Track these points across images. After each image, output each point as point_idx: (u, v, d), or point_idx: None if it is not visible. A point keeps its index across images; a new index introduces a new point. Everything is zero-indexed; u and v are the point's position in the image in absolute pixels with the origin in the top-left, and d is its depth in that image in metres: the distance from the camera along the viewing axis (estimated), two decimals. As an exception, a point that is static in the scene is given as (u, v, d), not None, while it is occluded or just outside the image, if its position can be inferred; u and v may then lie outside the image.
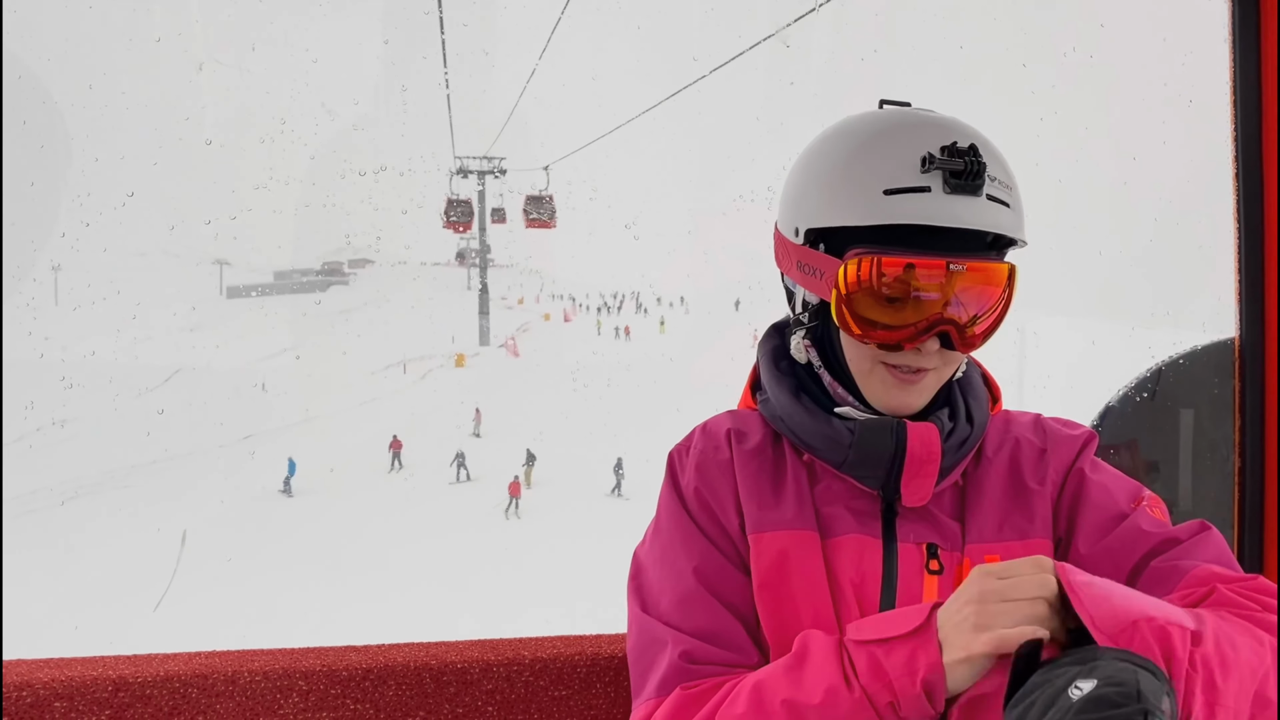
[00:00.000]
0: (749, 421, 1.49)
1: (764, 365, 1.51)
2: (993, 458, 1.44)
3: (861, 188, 1.28)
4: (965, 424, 1.40)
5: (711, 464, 1.44)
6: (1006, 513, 1.38)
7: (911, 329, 1.29)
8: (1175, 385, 2.26)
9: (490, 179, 61.67)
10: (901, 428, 1.34)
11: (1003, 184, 1.30)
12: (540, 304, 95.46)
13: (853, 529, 1.36)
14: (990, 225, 1.27)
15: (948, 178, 1.24)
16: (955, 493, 1.40)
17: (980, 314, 1.33)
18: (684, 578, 1.36)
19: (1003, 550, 1.34)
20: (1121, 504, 1.38)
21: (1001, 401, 1.52)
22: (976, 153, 1.26)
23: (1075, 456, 1.44)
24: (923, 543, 1.35)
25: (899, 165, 1.27)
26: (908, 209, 1.25)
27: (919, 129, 1.31)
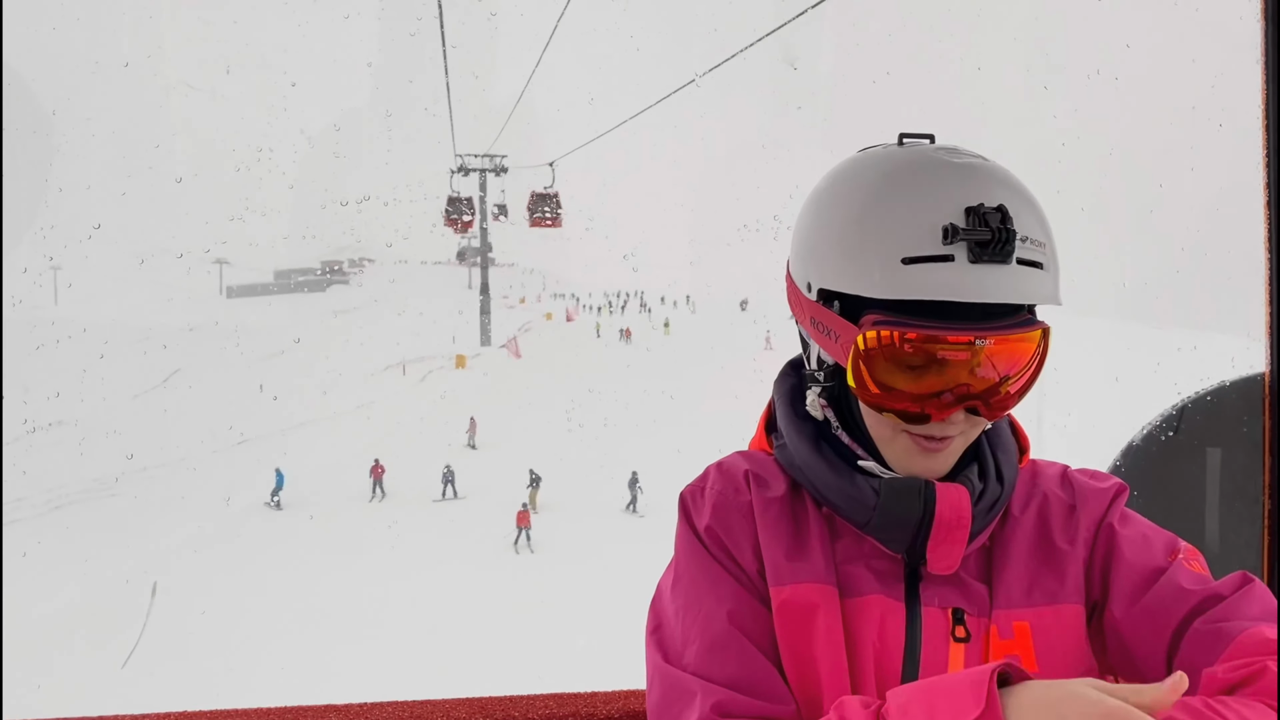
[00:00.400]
0: (766, 467, 1.46)
1: (781, 409, 1.48)
2: (1020, 515, 1.41)
3: (878, 254, 1.24)
4: (995, 484, 1.37)
5: (731, 506, 1.40)
6: (1036, 575, 1.36)
7: (935, 401, 1.26)
8: (1202, 423, 2.23)
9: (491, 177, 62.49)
10: (930, 491, 1.31)
11: (1036, 243, 1.24)
12: (542, 303, 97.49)
13: (874, 589, 1.33)
14: (1022, 296, 1.23)
15: (973, 246, 1.20)
16: (982, 554, 1.38)
17: (1009, 379, 1.29)
18: (714, 621, 1.32)
19: (1033, 616, 1.32)
20: (1157, 558, 1.35)
21: (1030, 452, 1.47)
22: (1006, 217, 1.21)
23: (1105, 511, 1.41)
24: (948, 608, 1.33)
25: (919, 231, 1.22)
26: (929, 282, 1.21)
27: (942, 183, 1.25)
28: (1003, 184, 1.26)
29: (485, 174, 62.63)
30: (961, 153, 1.29)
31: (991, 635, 1.31)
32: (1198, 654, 1.25)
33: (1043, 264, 1.25)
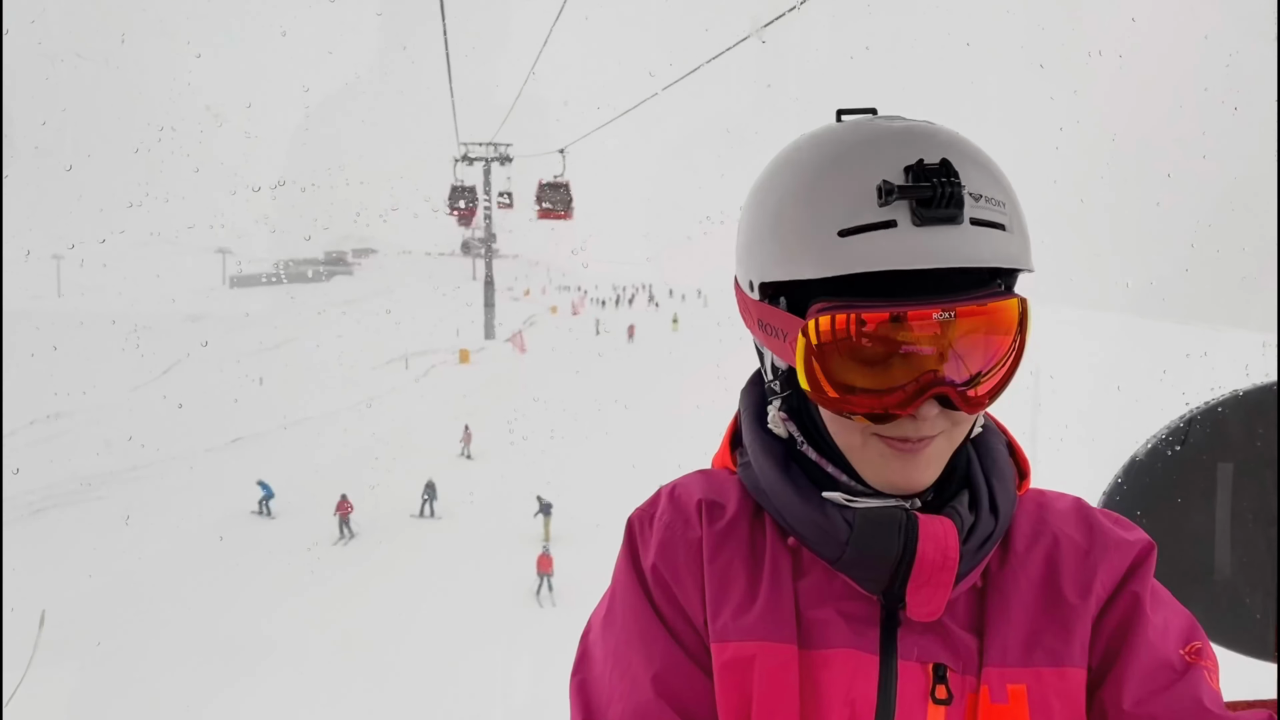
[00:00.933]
0: (725, 488, 1.38)
1: (747, 424, 1.40)
2: (1024, 555, 1.31)
3: (814, 231, 1.17)
4: (989, 516, 1.28)
5: (679, 543, 1.33)
6: (1038, 630, 1.26)
7: (900, 394, 1.18)
8: (1212, 436, 2.20)
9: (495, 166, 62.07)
10: (912, 524, 1.22)
11: (993, 201, 1.17)
12: (547, 295, 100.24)
13: (844, 641, 1.24)
14: (981, 258, 1.14)
15: (915, 207, 1.12)
16: (972, 597, 1.29)
17: (986, 367, 1.21)
18: (639, 687, 1.26)
19: (1032, 678, 1.22)
20: (1175, 651, 1.27)
21: (1030, 478, 1.39)
22: (950, 170, 1.14)
23: (1128, 571, 1.31)
24: (929, 662, 1.23)
25: (855, 198, 1.16)
26: (869, 252, 1.14)
27: (877, 146, 1.20)
28: (948, 142, 1.20)
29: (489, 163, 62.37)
30: (905, 119, 1.25)
31: (981, 698, 1.22)
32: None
33: (1004, 225, 1.17)
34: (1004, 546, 1.31)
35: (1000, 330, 1.20)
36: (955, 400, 1.18)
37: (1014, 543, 1.32)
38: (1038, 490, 1.40)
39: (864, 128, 1.23)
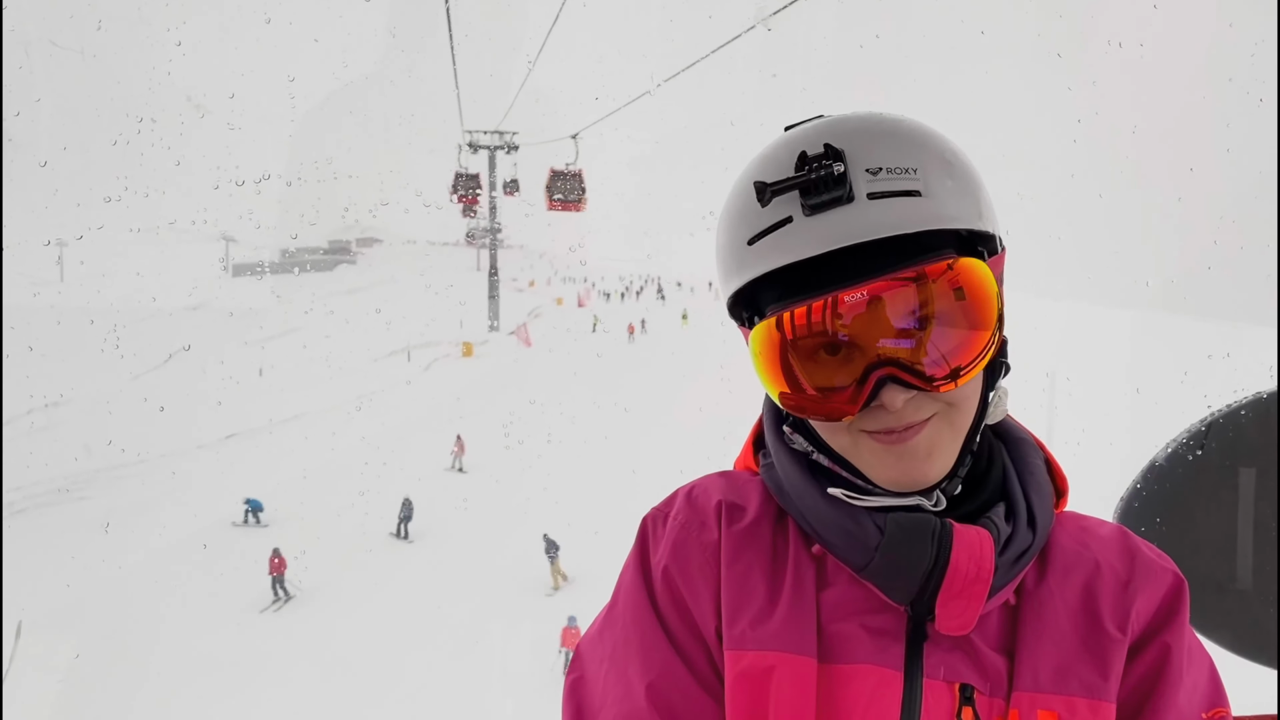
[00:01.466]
0: (747, 490, 1.38)
1: (769, 427, 1.41)
2: (1063, 578, 1.30)
3: (732, 246, 1.24)
4: (1026, 530, 1.27)
5: (693, 545, 1.33)
6: (1073, 658, 1.25)
7: (849, 388, 1.19)
8: (1234, 439, 2.20)
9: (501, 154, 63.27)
10: (946, 533, 1.21)
11: (898, 171, 1.17)
12: (551, 287, 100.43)
13: (867, 656, 1.23)
14: (882, 229, 1.15)
15: (801, 200, 1.16)
16: (1005, 615, 1.28)
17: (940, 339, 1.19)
18: (632, 694, 1.26)
19: (1063, 706, 1.21)
20: (1197, 713, 1.28)
21: (1067, 498, 1.38)
22: (831, 154, 1.16)
23: (1164, 610, 1.31)
24: (955, 682, 1.22)
25: (752, 206, 1.20)
26: (769, 251, 1.18)
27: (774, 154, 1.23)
28: (843, 128, 1.21)
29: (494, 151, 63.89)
30: (829, 117, 1.26)
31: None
32: None
33: (916, 191, 1.16)
34: (1041, 565, 1.30)
35: (956, 294, 1.18)
36: (908, 379, 1.17)
37: (1052, 563, 1.30)
38: (1078, 514, 1.39)
39: (779, 137, 1.26)
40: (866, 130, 1.20)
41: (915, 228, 1.15)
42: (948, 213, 1.18)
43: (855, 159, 1.16)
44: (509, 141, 62.55)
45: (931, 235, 1.18)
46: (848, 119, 1.23)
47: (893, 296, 1.16)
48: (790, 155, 1.19)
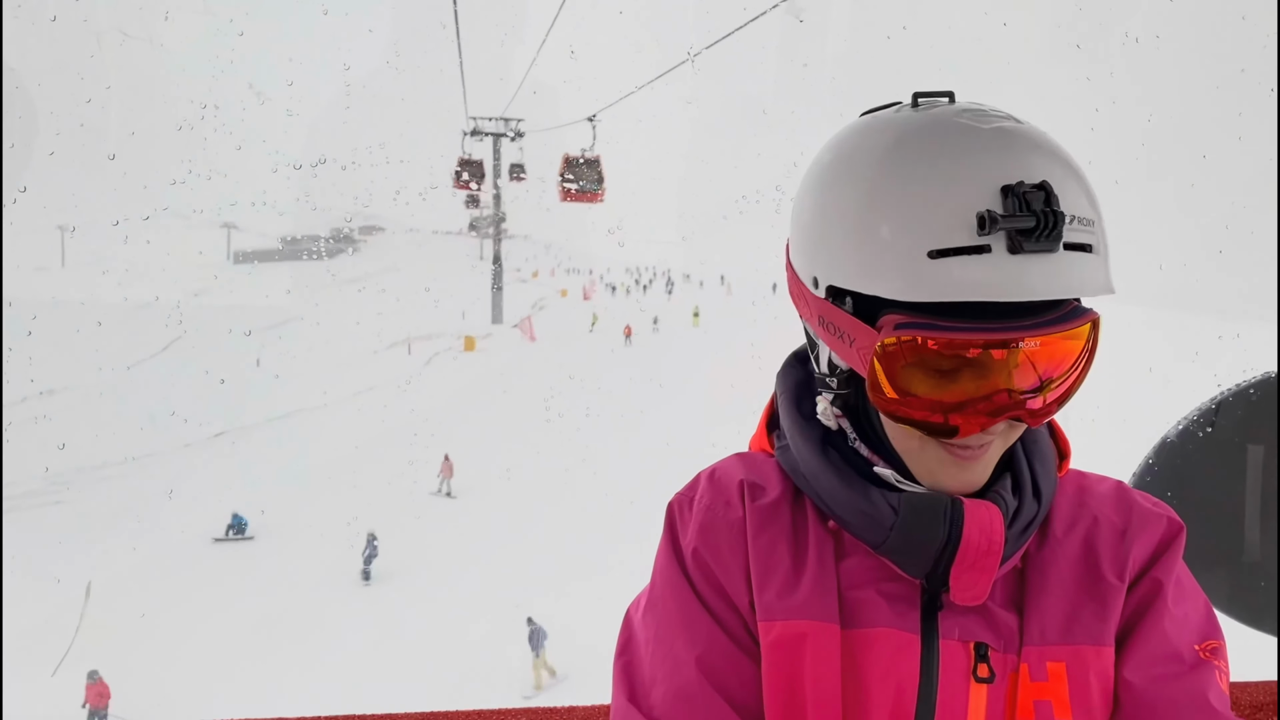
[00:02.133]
0: (765, 471, 1.37)
1: (785, 407, 1.39)
2: (1064, 537, 1.31)
3: (899, 248, 1.13)
4: (1032, 500, 1.27)
5: (720, 524, 1.32)
6: (1077, 609, 1.26)
7: (969, 410, 1.16)
8: (1243, 418, 2.19)
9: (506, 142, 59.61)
10: (958, 511, 1.21)
11: (1084, 222, 1.13)
12: (555, 278, 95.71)
13: (885, 621, 1.24)
14: (1071, 289, 1.11)
15: (1013, 234, 1.08)
16: (1012, 577, 1.29)
17: (1053, 381, 1.19)
18: (683, 668, 1.27)
19: (1070, 655, 1.23)
20: (1187, 646, 1.27)
21: (1070, 459, 1.37)
22: (1051, 196, 1.09)
23: (1155, 550, 1.32)
24: (970, 641, 1.24)
25: (948, 218, 1.10)
26: (963, 279, 1.09)
27: (970, 156, 1.13)
28: (1043, 153, 1.14)
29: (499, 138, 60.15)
30: (989, 115, 1.18)
31: (1021, 676, 1.22)
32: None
33: (1092, 246, 1.12)
34: (1044, 527, 1.31)
35: (1072, 348, 1.17)
36: (1025, 419, 1.17)
37: (1054, 524, 1.31)
38: (1078, 472, 1.38)
39: (951, 124, 1.17)
40: (1062, 163, 1.15)
41: (1092, 293, 1.13)
42: (1105, 280, 1.16)
43: (1061, 199, 1.10)
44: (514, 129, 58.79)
45: None
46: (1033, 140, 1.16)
47: (1053, 351, 1.15)
48: (995, 172, 1.11)
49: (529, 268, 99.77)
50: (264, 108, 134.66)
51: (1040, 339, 1.11)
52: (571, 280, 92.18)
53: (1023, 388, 1.15)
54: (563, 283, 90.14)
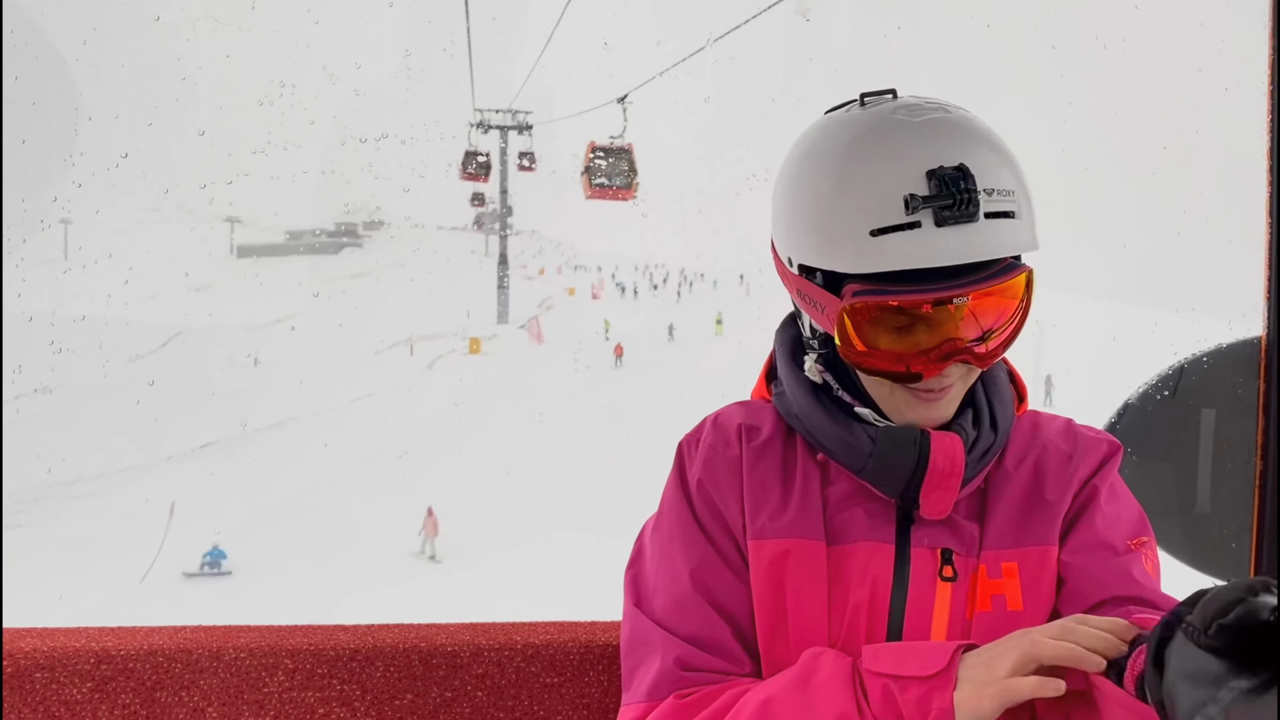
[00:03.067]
0: (761, 414, 1.47)
1: (781, 359, 1.47)
2: (1019, 463, 1.41)
3: (847, 229, 1.24)
4: (989, 430, 1.37)
5: (720, 460, 1.42)
6: (1027, 519, 1.36)
7: (924, 358, 1.26)
8: (1198, 383, 2.22)
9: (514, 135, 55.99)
10: (925, 439, 1.31)
11: (1003, 193, 1.23)
12: (562, 275, 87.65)
13: (864, 535, 1.34)
14: (994, 250, 1.21)
15: (937, 210, 1.19)
16: (975, 496, 1.38)
17: (996, 328, 1.29)
18: (679, 580, 1.36)
19: (1020, 557, 1.32)
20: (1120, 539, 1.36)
21: (1027, 400, 1.47)
22: (967, 176, 1.20)
23: (1095, 469, 1.41)
24: (937, 548, 1.33)
25: (883, 201, 1.22)
26: (899, 251, 1.21)
27: (901, 148, 1.24)
28: (963, 139, 1.24)
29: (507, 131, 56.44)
30: (922, 109, 1.28)
31: (980, 575, 1.32)
32: None
33: (1014, 212, 1.23)
34: (1003, 455, 1.41)
35: (1010, 297, 1.28)
36: (972, 361, 1.27)
37: (1011, 451, 1.41)
38: (1035, 412, 1.48)
39: (887, 121, 1.28)
40: (979, 142, 1.25)
41: (1013, 252, 1.24)
42: (1029, 238, 1.26)
43: (979, 177, 1.21)
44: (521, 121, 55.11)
45: None
46: (956, 124, 1.27)
47: (984, 304, 1.26)
48: (921, 159, 1.22)
49: (535, 264, 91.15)
50: (334, 86, 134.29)
51: (972, 294, 1.22)
52: (579, 278, 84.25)
53: (968, 336, 1.26)
54: (570, 280, 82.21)
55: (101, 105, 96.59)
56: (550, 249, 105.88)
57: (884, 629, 1.30)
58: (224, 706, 1.63)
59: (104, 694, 1.60)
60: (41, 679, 1.58)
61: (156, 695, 1.61)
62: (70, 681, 1.59)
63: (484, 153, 40.62)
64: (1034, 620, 1.28)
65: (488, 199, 62.85)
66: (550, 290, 73.06)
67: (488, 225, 79.02)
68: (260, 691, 1.63)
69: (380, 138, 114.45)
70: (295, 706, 1.65)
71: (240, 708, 1.63)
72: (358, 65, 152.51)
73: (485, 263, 71.42)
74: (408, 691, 1.67)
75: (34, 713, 1.58)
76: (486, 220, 77.59)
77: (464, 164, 39.86)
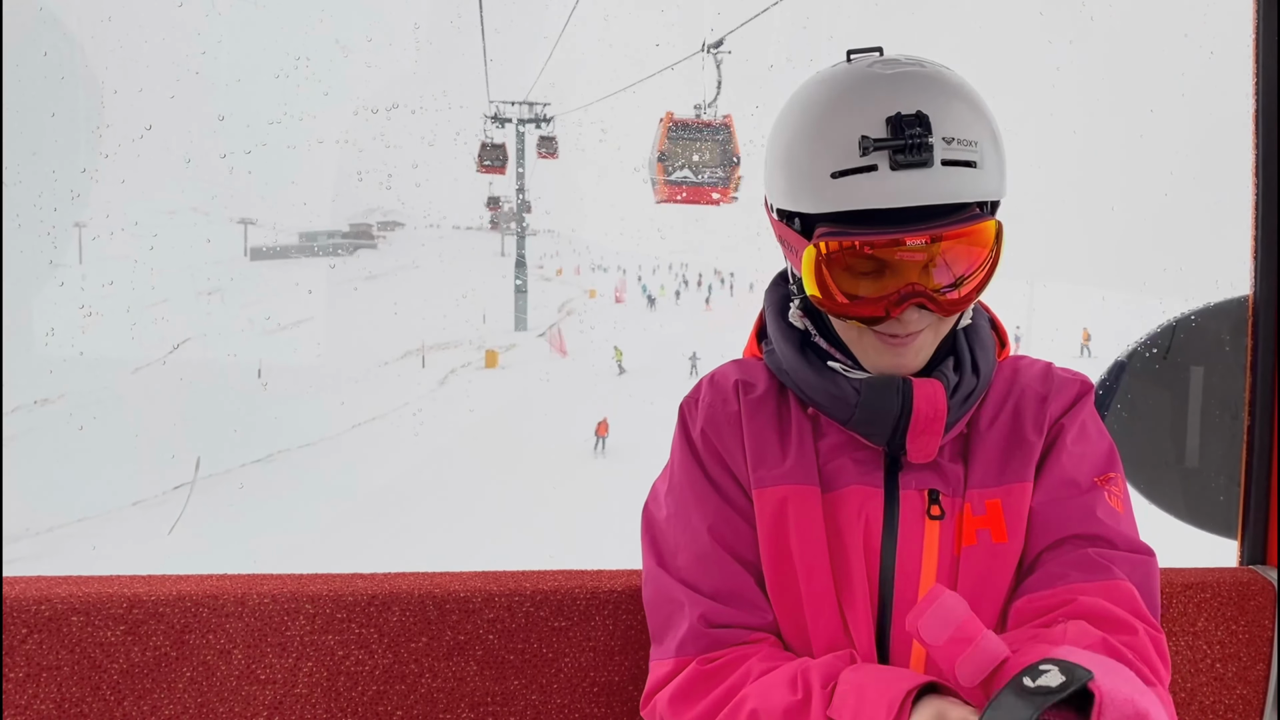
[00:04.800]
0: (755, 371, 1.47)
1: (770, 318, 1.48)
2: (1000, 406, 1.41)
3: (811, 171, 1.25)
4: (971, 375, 1.36)
5: (720, 416, 1.43)
6: (1008, 458, 1.37)
7: (884, 301, 1.25)
8: (1187, 342, 2.22)
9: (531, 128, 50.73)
10: (907, 386, 1.31)
11: (964, 143, 1.22)
12: (581, 276, 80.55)
13: (854, 480, 1.35)
14: (947, 195, 1.21)
15: (892, 154, 1.20)
16: (959, 439, 1.39)
17: (964, 276, 1.27)
18: (699, 537, 1.38)
19: (1003, 494, 1.34)
20: (1084, 477, 1.37)
21: (1010, 347, 1.47)
22: (923, 121, 1.20)
23: (1067, 407, 1.42)
24: (924, 489, 1.34)
25: (845, 145, 1.22)
26: (855, 192, 1.21)
27: (866, 96, 1.25)
28: (927, 90, 1.24)
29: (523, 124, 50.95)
30: (899, 63, 1.28)
31: (965, 512, 1.33)
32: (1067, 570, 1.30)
33: (975, 162, 1.22)
34: (986, 399, 1.41)
35: (977, 246, 1.26)
36: (931, 306, 1.25)
37: (992, 395, 1.41)
38: (1017, 357, 1.49)
39: (862, 74, 1.28)
40: (945, 94, 1.24)
41: (971, 198, 1.22)
42: (991, 187, 1.24)
43: (937, 125, 1.20)
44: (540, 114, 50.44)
45: None
46: (924, 77, 1.25)
47: (951, 252, 1.24)
48: (881, 107, 1.22)
49: (553, 264, 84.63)
50: (347, 59, 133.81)
51: (928, 236, 1.21)
52: (600, 279, 77.27)
53: (935, 285, 1.25)
54: (590, 281, 75.44)
55: (127, 80, 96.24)
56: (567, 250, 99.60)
57: (878, 567, 1.32)
58: (249, 649, 1.67)
59: (136, 636, 1.64)
60: (78, 622, 1.62)
61: (185, 638, 1.66)
62: (104, 624, 1.63)
63: (500, 143, 39.08)
64: (1018, 551, 1.32)
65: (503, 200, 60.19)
66: (570, 293, 67.79)
67: (503, 225, 74.21)
68: (283, 635, 1.67)
69: (391, 108, 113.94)
70: (316, 649, 1.69)
71: (264, 649, 1.68)
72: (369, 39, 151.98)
73: (502, 263, 66.34)
74: (422, 634, 1.71)
75: (70, 654, 1.63)
76: (503, 220, 72.77)
77: (480, 156, 38.33)
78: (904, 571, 1.31)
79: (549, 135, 44.61)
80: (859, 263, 1.25)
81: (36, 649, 1.63)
